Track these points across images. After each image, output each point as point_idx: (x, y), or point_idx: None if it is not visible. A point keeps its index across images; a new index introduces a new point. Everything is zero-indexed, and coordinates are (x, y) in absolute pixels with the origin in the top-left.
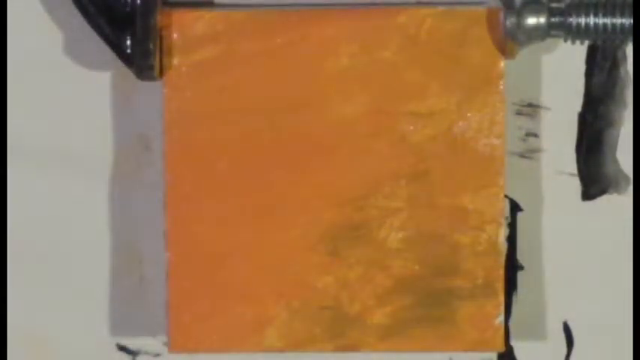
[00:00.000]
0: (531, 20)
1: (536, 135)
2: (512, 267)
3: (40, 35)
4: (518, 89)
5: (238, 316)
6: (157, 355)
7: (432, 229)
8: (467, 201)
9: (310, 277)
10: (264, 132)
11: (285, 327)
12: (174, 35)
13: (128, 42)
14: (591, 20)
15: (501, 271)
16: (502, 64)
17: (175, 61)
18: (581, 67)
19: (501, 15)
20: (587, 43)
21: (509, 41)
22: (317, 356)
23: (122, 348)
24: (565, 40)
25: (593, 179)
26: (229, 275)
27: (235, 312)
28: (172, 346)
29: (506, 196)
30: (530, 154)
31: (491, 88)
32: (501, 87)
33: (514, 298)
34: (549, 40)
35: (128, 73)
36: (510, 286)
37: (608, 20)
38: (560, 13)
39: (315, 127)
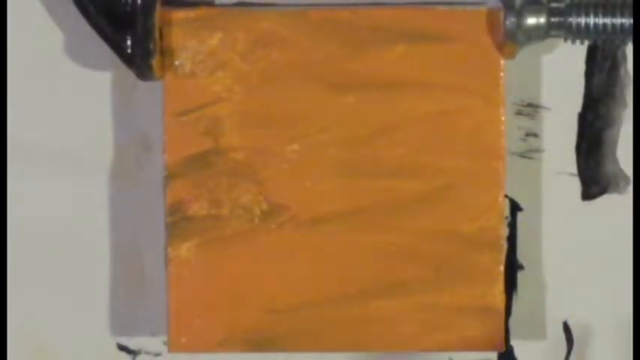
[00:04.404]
0: (531, 20)
1: (536, 135)
2: (512, 267)
3: (40, 35)
4: (518, 89)
5: (238, 316)
6: (157, 355)
7: (432, 230)
8: (467, 201)
9: (310, 277)
10: (264, 133)
11: (286, 327)
12: (174, 35)
13: (128, 42)
14: (591, 20)
15: (501, 271)
16: (502, 64)
17: (175, 61)
18: (581, 67)
19: (501, 15)
20: (587, 43)
21: (509, 41)
22: (317, 356)
23: (122, 348)
24: (565, 40)
25: (593, 179)
26: (229, 275)
27: (235, 312)
28: (172, 346)
29: (506, 196)
30: (530, 154)
31: (491, 88)
32: (501, 87)
33: (514, 298)
34: (549, 40)
35: (128, 73)
36: (510, 285)
37: (608, 20)
38: (560, 13)
39: (316, 130)
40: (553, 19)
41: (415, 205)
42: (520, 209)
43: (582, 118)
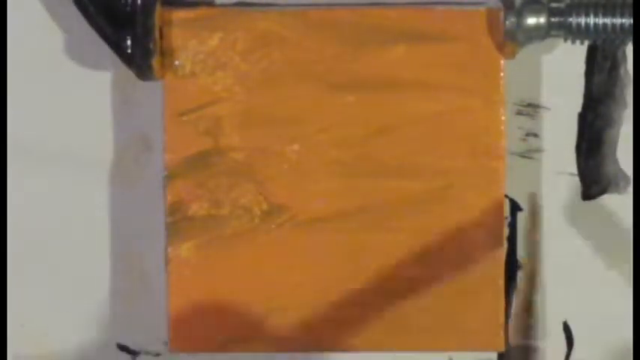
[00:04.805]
0: (531, 20)
1: (536, 135)
2: (512, 267)
3: (40, 35)
4: (518, 89)
5: (238, 317)
6: (157, 355)
7: (432, 230)
8: (468, 201)
9: (310, 276)
10: (264, 133)
11: (285, 327)
12: (174, 35)
13: (128, 42)
14: (591, 20)
15: (502, 271)
16: (502, 64)
17: (175, 61)
18: (581, 67)
19: (501, 15)
20: (587, 43)
21: (509, 41)
22: (317, 356)
23: (122, 348)
24: (565, 40)
25: (593, 179)
26: (229, 275)
27: (235, 312)
28: (172, 346)
29: (506, 196)
30: (530, 154)
31: (491, 88)
32: (501, 87)
33: (514, 298)
34: (549, 40)
35: (128, 73)
36: (510, 285)
37: (608, 20)
38: (560, 13)
39: (316, 130)
40: (553, 19)
41: (415, 205)
42: (520, 209)
43: (582, 118)
